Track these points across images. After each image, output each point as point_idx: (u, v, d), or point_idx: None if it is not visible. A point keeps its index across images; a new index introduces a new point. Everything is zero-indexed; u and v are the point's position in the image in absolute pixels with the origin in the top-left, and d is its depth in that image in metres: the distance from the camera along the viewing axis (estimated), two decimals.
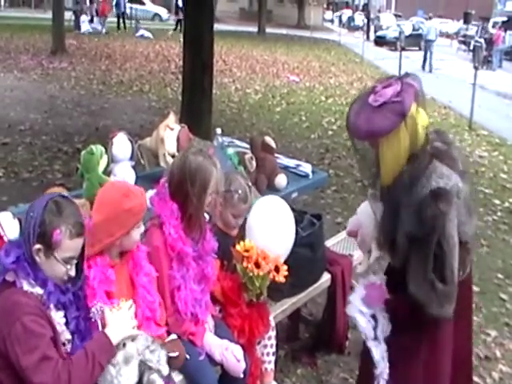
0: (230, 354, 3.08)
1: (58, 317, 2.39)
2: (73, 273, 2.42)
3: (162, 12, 46.43)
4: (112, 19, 33.95)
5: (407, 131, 2.75)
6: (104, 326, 2.44)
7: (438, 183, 2.70)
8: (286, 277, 3.35)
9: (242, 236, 3.51)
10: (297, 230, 3.68)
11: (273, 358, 3.58)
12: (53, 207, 2.33)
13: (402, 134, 2.76)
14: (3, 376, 2.26)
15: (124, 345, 2.43)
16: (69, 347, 2.44)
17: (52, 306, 2.36)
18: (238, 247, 3.30)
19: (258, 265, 3.26)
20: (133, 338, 2.46)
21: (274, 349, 3.57)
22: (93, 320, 2.52)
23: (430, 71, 25.40)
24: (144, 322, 2.79)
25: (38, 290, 2.32)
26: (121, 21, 34.31)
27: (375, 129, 2.77)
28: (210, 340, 3.11)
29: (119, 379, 2.38)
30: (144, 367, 2.47)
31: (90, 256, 2.62)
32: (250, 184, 3.71)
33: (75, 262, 2.42)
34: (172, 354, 2.71)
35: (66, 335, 2.42)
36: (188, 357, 2.85)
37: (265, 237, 3.45)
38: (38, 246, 2.30)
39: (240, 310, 3.36)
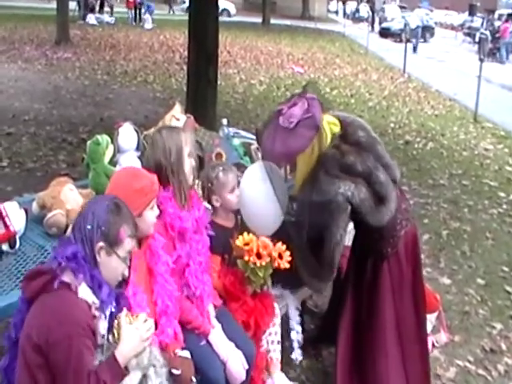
0: (236, 357, 3.08)
1: (104, 328, 2.37)
2: (127, 272, 2.47)
3: (231, 7, 45.79)
4: (123, 9, 33.94)
5: (318, 140, 3.11)
6: (114, 333, 2.39)
7: (319, 198, 3.07)
8: (290, 262, 3.35)
9: (239, 226, 3.53)
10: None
11: (278, 347, 3.57)
12: (114, 208, 2.40)
13: (315, 146, 3.12)
14: (40, 376, 2.24)
15: None
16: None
17: (103, 316, 2.35)
18: (237, 242, 3.30)
19: (259, 256, 3.27)
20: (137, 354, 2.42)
21: (278, 337, 3.57)
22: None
23: (415, 52, 28.32)
24: (163, 316, 2.80)
25: (94, 298, 2.31)
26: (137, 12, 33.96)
27: (293, 150, 3.15)
28: (216, 338, 3.10)
29: None
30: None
31: None
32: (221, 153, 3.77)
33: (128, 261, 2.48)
34: (174, 371, 2.70)
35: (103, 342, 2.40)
36: (194, 380, 2.82)
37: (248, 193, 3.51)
38: (101, 243, 2.34)
39: (244, 304, 3.36)
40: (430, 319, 4.41)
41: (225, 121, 5.10)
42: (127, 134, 4.24)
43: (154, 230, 2.88)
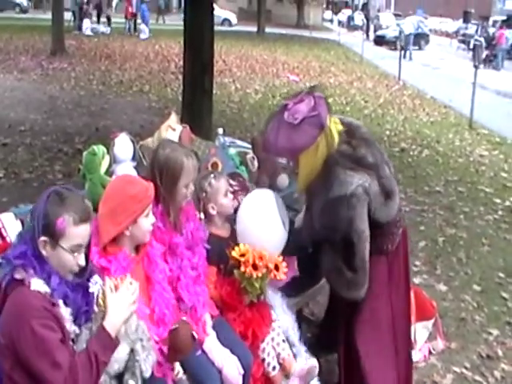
0: (232, 363, 3.07)
1: (67, 314, 2.36)
2: (82, 262, 2.40)
3: (232, 17, 46.62)
4: (119, 20, 33.95)
5: (324, 141, 3.04)
6: (100, 304, 2.40)
7: (340, 192, 2.99)
8: (286, 273, 3.35)
9: (234, 238, 3.50)
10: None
11: (285, 345, 3.53)
12: (55, 198, 2.33)
13: (320, 145, 3.04)
14: (16, 376, 2.26)
15: None
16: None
17: (61, 302, 2.34)
18: (233, 253, 3.29)
19: (255, 267, 3.24)
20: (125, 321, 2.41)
21: (282, 336, 3.53)
22: (91, 291, 2.50)
23: (410, 59, 28.75)
24: (161, 325, 2.79)
25: (46, 288, 2.30)
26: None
27: (297, 146, 3.06)
28: (211, 345, 3.10)
29: None
30: (133, 360, 2.44)
31: (107, 249, 2.69)
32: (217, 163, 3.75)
33: (83, 250, 2.41)
34: (172, 327, 2.72)
35: (75, 330, 2.40)
36: (196, 336, 2.81)
37: (254, 227, 3.47)
38: (43, 238, 2.30)
39: (241, 315, 3.36)
40: (427, 326, 4.43)
41: (220, 130, 5.11)
42: (123, 144, 4.25)
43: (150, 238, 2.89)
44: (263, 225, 3.48)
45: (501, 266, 6.18)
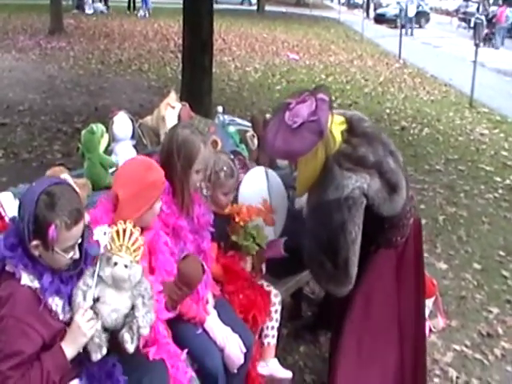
0: (234, 341, 3.07)
1: (59, 308, 2.35)
2: (76, 255, 2.38)
3: None
4: None
5: (323, 146, 2.99)
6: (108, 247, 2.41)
7: (335, 194, 2.96)
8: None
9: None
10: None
11: (275, 333, 3.55)
12: (45, 200, 2.25)
13: (319, 150, 3.00)
14: None
15: (115, 264, 2.38)
16: None
17: (50, 298, 2.32)
18: (226, 210, 3.47)
19: (249, 215, 3.48)
20: (126, 265, 2.40)
21: (277, 323, 3.56)
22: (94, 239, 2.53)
23: (412, 34, 30.01)
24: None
25: (36, 284, 2.28)
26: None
27: (294, 150, 3.00)
28: (212, 324, 3.09)
29: (108, 300, 2.40)
30: (132, 316, 2.44)
31: None
32: (233, 159, 3.74)
33: (77, 245, 2.38)
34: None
35: (70, 317, 2.38)
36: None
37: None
38: (35, 242, 2.26)
39: (242, 287, 3.40)
40: (427, 304, 4.42)
41: (220, 108, 5.08)
42: (122, 123, 4.23)
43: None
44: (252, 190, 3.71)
45: (501, 245, 6.18)
